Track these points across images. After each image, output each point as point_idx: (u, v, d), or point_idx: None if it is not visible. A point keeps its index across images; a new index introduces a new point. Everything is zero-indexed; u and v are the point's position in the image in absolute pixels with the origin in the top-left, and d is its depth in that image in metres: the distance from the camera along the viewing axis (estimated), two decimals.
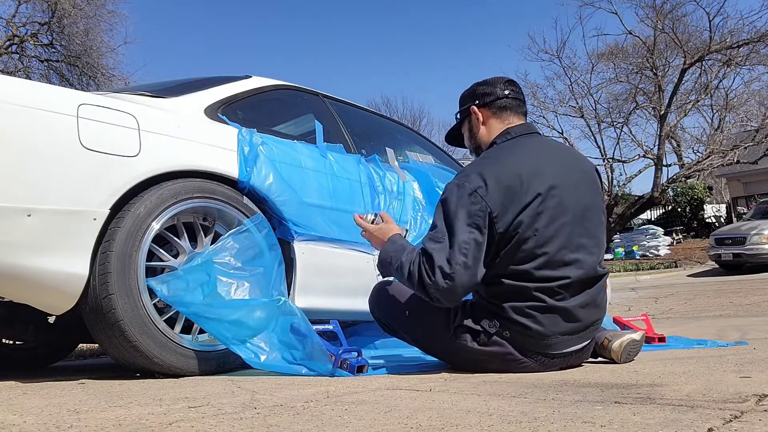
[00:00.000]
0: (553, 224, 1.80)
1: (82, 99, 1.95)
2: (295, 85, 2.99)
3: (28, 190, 1.74)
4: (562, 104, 19.36)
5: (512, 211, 1.77)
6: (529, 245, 1.78)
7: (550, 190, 1.81)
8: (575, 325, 1.84)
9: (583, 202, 1.90)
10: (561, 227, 1.81)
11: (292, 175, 2.41)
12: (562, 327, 1.82)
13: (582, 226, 1.87)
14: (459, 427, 1.06)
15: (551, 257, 1.79)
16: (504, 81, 2.06)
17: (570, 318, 1.82)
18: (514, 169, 1.82)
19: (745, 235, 11.86)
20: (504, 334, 1.82)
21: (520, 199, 1.78)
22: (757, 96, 18.56)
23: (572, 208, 1.85)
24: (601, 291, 1.92)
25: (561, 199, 1.83)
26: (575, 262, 1.82)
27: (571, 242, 1.83)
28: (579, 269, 1.83)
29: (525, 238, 1.78)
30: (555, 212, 1.81)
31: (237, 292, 2.11)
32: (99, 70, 16.12)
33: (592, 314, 1.89)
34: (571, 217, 1.84)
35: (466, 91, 2.11)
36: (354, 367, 1.91)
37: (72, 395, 1.60)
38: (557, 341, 1.82)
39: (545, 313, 1.79)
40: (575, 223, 1.85)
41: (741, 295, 6.74)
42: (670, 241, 18.43)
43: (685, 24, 17.50)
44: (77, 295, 1.84)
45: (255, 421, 1.16)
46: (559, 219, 1.81)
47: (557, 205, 1.81)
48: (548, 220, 1.79)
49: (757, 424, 1.00)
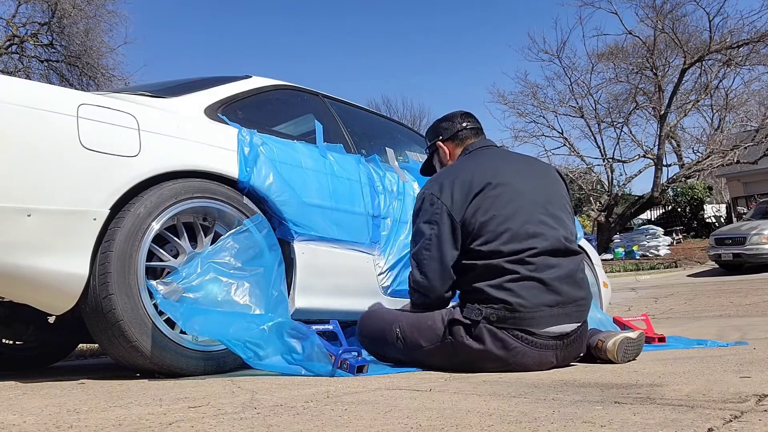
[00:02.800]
0: (510, 205, 1.96)
1: (82, 99, 1.95)
2: (295, 85, 2.99)
3: (28, 190, 1.74)
4: (562, 104, 19.40)
5: (467, 200, 1.98)
6: (491, 226, 1.94)
7: (503, 181, 2.00)
8: (556, 297, 1.89)
9: (542, 193, 2.06)
10: (519, 207, 1.97)
11: (292, 175, 2.41)
12: (543, 298, 1.88)
13: (543, 208, 2.01)
14: (459, 427, 1.06)
15: (515, 232, 1.93)
16: (460, 114, 2.33)
17: (549, 289, 1.89)
18: (467, 171, 2.06)
19: (745, 235, 11.87)
20: (491, 318, 1.87)
21: (472, 189, 1.99)
22: (757, 96, 18.59)
23: (529, 194, 2.02)
24: (577, 269, 1.99)
25: (516, 188, 2.01)
26: (540, 235, 1.94)
27: (532, 218, 1.97)
28: (544, 240, 1.94)
29: (486, 221, 1.94)
30: (511, 196, 1.98)
31: (237, 293, 2.11)
32: (99, 70, 16.12)
33: (573, 290, 1.94)
34: (529, 201, 2.00)
35: (431, 129, 2.39)
36: (354, 367, 1.91)
37: (72, 395, 1.60)
38: (542, 314, 1.87)
39: (521, 282, 1.88)
40: (535, 205, 2.00)
41: (741, 295, 6.74)
42: (670, 241, 18.43)
43: (685, 24, 17.53)
44: (77, 295, 1.84)
45: (255, 421, 1.16)
46: (515, 201, 1.98)
47: (512, 192, 1.99)
48: (505, 202, 1.97)
49: (757, 424, 1.00)
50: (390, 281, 2.73)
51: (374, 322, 2.17)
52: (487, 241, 1.93)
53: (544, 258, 1.92)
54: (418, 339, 1.99)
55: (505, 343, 1.86)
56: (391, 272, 2.73)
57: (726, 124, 18.47)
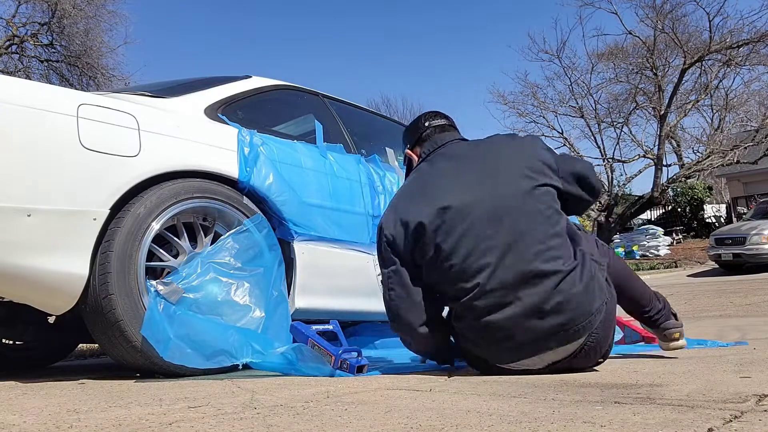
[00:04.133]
0: (452, 235, 1.73)
1: (82, 99, 1.95)
2: (295, 85, 2.99)
3: (28, 190, 1.74)
4: (562, 104, 19.39)
5: (408, 244, 1.80)
6: (436, 265, 1.76)
7: (446, 205, 1.76)
8: (518, 338, 1.67)
9: (491, 197, 1.76)
10: (462, 236, 1.72)
11: (292, 175, 2.41)
12: (502, 344, 1.68)
13: (491, 224, 1.72)
14: (459, 427, 1.06)
15: (459, 269, 1.71)
16: (425, 115, 2.12)
17: (505, 333, 1.67)
18: (406, 204, 1.86)
19: (745, 235, 11.86)
20: (473, 363, 1.86)
21: (409, 231, 1.79)
22: (757, 96, 18.58)
23: (476, 209, 1.75)
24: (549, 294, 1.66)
25: (459, 209, 1.75)
26: (486, 267, 1.68)
27: (477, 248, 1.70)
28: (493, 273, 1.68)
29: (431, 262, 1.77)
30: (453, 224, 1.74)
31: (237, 293, 2.11)
32: (99, 70, 16.11)
33: (543, 322, 1.66)
34: (476, 218, 1.73)
35: (402, 138, 2.18)
36: (354, 367, 1.91)
37: (72, 395, 1.60)
38: (510, 356, 1.70)
39: (474, 331, 1.73)
40: (481, 224, 1.72)
41: (741, 295, 6.74)
42: (670, 241, 18.44)
43: (685, 24, 17.52)
44: (77, 295, 1.84)
45: (255, 421, 1.16)
46: (458, 228, 1.73)
47: (456, 217, 1.74)
48: (446, 234, 1.74)
49: (757, 424, 1.00)
50: None
51: None
52: (435, 282, 1.79)
53: (495, 297, 1.68)
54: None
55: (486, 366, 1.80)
56: None
57: (726, 124, 18.46)
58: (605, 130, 19.63)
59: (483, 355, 1.78)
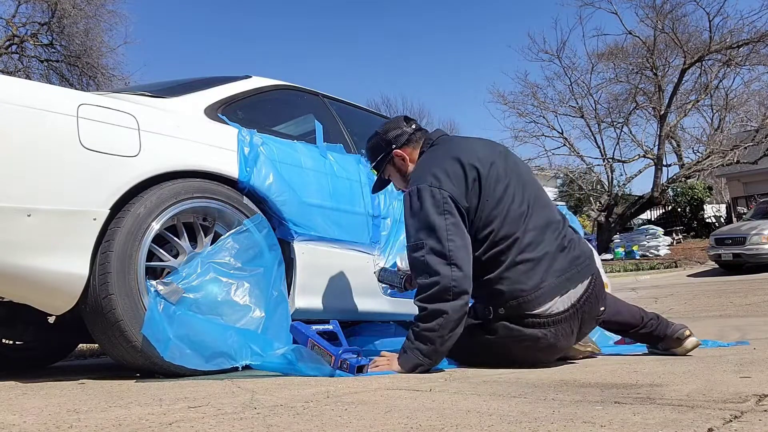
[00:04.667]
0: (498, 187, 2.00)
1: (82, 99, 1.95)
2: (295, 85, 2.99)
3: (28, 190, 1.74)
4: (562, 104, 19.39)
5: (467, 188, 1.97)
6: (485, 211, 1.97)
7: (486, 164, 2.02)
8: (552, 269, 1.93)
9: (516, 169, 2.10)
10: (506, 188, 2.01)
11: (292, 175, 2.41)
12: (538, 277, 1.91)
13: (523, 185, 2.06)
14: (459, 427, 1.06)
15: (506, 214, 1.96)
16: (402, 119, 2.30)
17: (542, 265, 1.93)
18: (451, 157, 2.04)
19: (745, 235, 11.86)
20: (499, 312, 1.92)
21: (467, 176, 1.99)
22: (757, 96, 18.59)
23: (510, 173, 2.06)
24: (562, 235, 2.03)
25: (497, 169, 2.04)
26: (527, 213, 1.99)
27: (516, 198, 2.01)
28: (532, 218, 1.99)
29: (482, 206, 1.97)
30: (497, 178, 2.01)
31: (236, 293, 2.11)
32: (99, 70, 16.11)
33: (566, 255, 1.98)
34: (513, 180, 2.04)
35: (377, 143, 2.29)
36: (354, 367, 1.91)
37: (72, 395, 1.60)
38: (543, 291, 1.91)
39: (515, 268, 1.91)
40: (518, 183, 2.05)
41: (741, 295, 6.74)
42: (670, 241, 18.42)
43: (685, 24, 17.54)
44: (77, 295, 1.84)
45: (255, 421, 1.16)
46: (502, 182, 2.01)
47: (496, 173, 2.02)
48: (494, 185, 2.00)
49: (757, 424, 1.00)
50: None
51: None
52: (483, 226, 1.95)
53: (533, 235, 1.96)
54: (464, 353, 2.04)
55: (521, 333, 1.92)
56: None
57: (726, 124, 18.47)
58: (605, 130, 19.65)
59: (517, 296, 1.90)
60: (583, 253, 2.05)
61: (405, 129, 2.24)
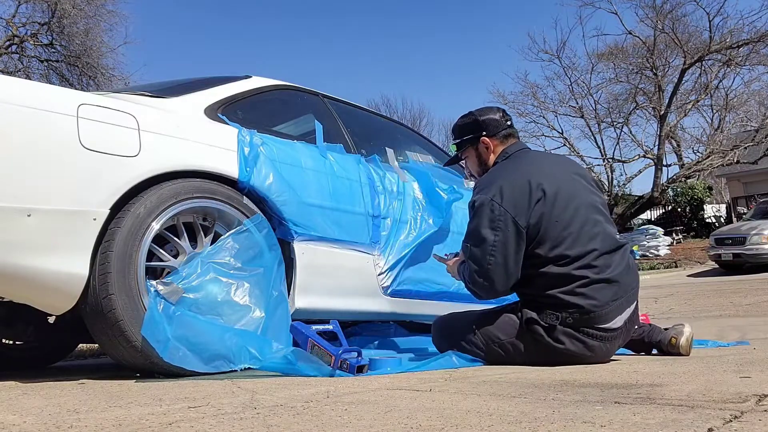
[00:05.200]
0: (568, 209, 2.05)
1: (82, 99, 1.95)
2: (295, 85, 2.99)
3: (28, 190, 1.74)
4: (562, 104, 19.41)
5: (529, 206, 2.03)
6: (554, 231, 2.02)
7: (556, 185, 2.08)
8: (618, 290, 2.03)
9: (585, 193, 2.15)
10: (576, 210, 2.06)
11: (292, 175, 2.41)
12: (610, 296, 2.01)
13: (593, 207, 2.12)
14: (459, 427, 1.06)
15: (577, 236, 2.03)
16: (501, 111, 2.37)
17: (613, 285, 2.02)
18: (521, 175, 2.10)
19: (745, 235, 11.86)
20: (567, 321, 1.99)
21: (532, 195, 2.04)
22: (757, 96, 18.60)
23: (579, 195, 2.11)
24: (628, 258, 2.13)
25: (567, 191, 2.09)
26: (597, 235, 2.06)
27: (588, 220, 2.07)
28: (602, 240, 2.06)
29: (549, 226, 2.02)
30: (567, 200, 2.07)
31: (236, 293, 2.11)
32: (99, 70, 16.11)
33: (630, 279, 2.09)
34: (581, 202, 2.10)
35: (469, 123, 2.35)
36: (354, 367, 1.91)
37: (72, 395, 1.60)
38: (610, 308, 2.01)
39: (591, 286, 1.99)
40: (587, 206, 2.10)
41: (741, 295, 6.74)
42: (670, 241, 18.42)
43: (685, 24, 17.55)
44: (77, 295, 1.84)
45: (255, 421, 1.16)
46: (571, 204, 2.06)
47: (566, 195, 2.08)
48: (563, 206, 2.05)
49: (757, 424, 1.00)
50: (390, 281, 2.73)
51: (450, 322, 2.28)
52: (552, 246, 2.02)
53: (605, 258, 2.04)
54: (496, 333, 2.10)
55: (584, 343, 2.01)
56: (391, 272, 2.73)
57: (726, 124, 18.47)
58: (605, 130, 19.68)
59: (591, 310, 1.98)
60: (637, 276, 2.17)
61: (500, 121, 2.31)
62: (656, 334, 2.30)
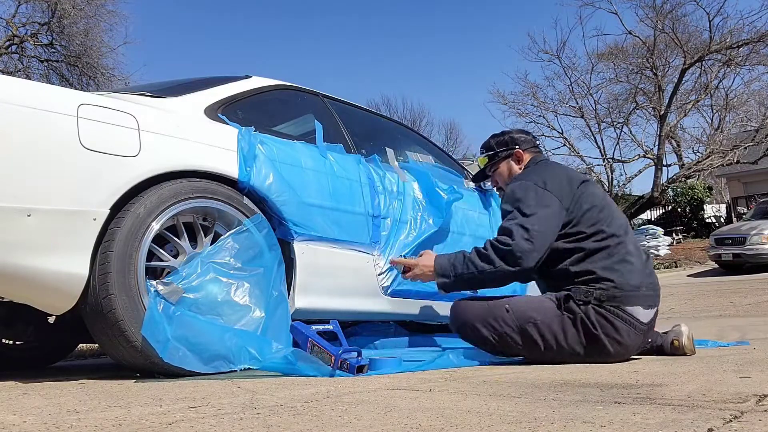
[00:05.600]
0: (600, 200, 2.25)
1: (82, 99, 1.95)
2: (295, 85, 2.98)
3: (28, 190, 1.74)
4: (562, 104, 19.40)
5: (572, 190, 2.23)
6: (593, 213, 2.19)
7: (586, 183, 2.29)
8: (647, 280, 2.14)
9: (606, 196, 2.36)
10: (607, 203, 2.27)
11: (292, 175, 2.41)
12: (639, 280, 2.11)
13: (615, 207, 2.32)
14: (459, 427, 1.06)
15: (612, 219, 2.20)
16: (526, 131, 2.69)
17: (642, 272, 2.13)
18: (558, 171, 2.36)
19: (745, 235, 11.86)
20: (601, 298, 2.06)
21: (572, 183, 2.26)
22: (757, 96, 18.59)
23: (604, 195, 2.33)
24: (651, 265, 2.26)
25: (596, 188, 2.31)
26: (626, 227, 2.24)
27: (619, 213, 2.28)
28: (629, 233, 2.22)
29: (588, 208, 2.19)
30: (597, 194, 2.28)
31: (236, 293, 2.11)
32: (99, 70, 16.11)
33: (655, 282, 2.19)
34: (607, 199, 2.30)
35: (504, 138, 2.59)
36: (354, 367, 1.91)
37: (72, 395, 1.60)
38: (638, 294, 2.10)
39: (623, 264, 2.11)
40: (613, 205, 2.30)
41: (741, 295, 6.74)
42: (670, 241, 18.41)
43: (685, 24, 17.55)
44: (77, 295, 1.84)
45: (255, 421, 1.16)
46: (602, 198, 2.28)
47: (597, 190, 2.30)
48: (597, 198, 2.25)
49: (757, 424, 1.00)
50: (390, 281, 2.73)
51: (475, 306, 2.25)
52: (592, 223, 2.17)
53: (638, 249, 2.19)
54: (530, 312, 2.13)
55: (612, 324, 2.06)
56: (391, 272, 2.73)
57: (726, 124, 18.46)
58: (605, 130, 19.67)
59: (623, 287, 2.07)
60: (658, 282, 2.24)
61: (530, 138, 2.60)
62: (656, 339, 2.31)
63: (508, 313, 2.14)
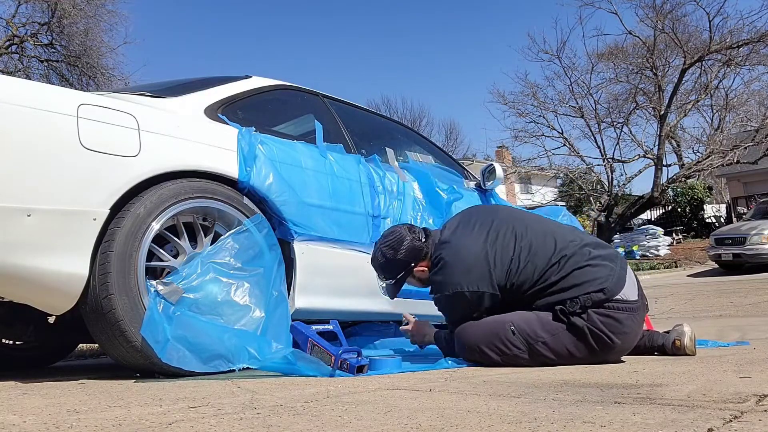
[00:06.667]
0: (517, 245, 2.17)
1: (82, 99, 1.95)
2: (295, 85, 2.99)
3: (28, 190, 1.74)
4: (562, 104, 19.36)
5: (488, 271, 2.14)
6: (521, 260, 2.13)
7: (492, 240, 2.19)
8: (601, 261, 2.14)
9: (517, 219, 2.27)
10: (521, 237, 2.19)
11: (292, 175, 2.41)
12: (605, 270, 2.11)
13: (538, 223, 2.29)
14: (459, 427, 1.06)
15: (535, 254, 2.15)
16: (406, 230, 2.36)
17: (595, 262, 2.12)
18: (464, 255, 2.19)
19: (745, 235, 11.86)
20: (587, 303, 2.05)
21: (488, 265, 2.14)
22: (757, 96, 18.55)
23: (514, 227, 2.23)
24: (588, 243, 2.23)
25: (504, 235, 2.20)
26: (554, 241, 2.18)
27: (536, 239, 2.20)
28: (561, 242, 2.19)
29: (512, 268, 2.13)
30: (509, 239, 2.19)
31: (236, 293, 2.11)
32: (99, 70, 16.09)
33: (605, 250, 2.20)
34: (525, 232, 2.21)
35: (394, 264, 2.32)
36: (354, 367, 1.91)
37: (72, 395, 1.60)
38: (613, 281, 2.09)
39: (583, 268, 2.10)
40: (534, 232, 2.22)
41: (741, 295, 6.74)
42: (670, 241, 18.43)
43: (685, 24, 17.51)
44: (77, 295, 1.84)
45: (255, 421, 1.16)
46: (518, 241, 2.18)
47: (504, 240, 2.19)
48: (511, 248, 2.17)
49: (757, 424, 1.00)
50: None
51: (479, 328, 2.18)
52: (526, 278, 2.12)
53: (575, 248, 2.15)
54: (538, 331, 2.09)
55: (614, 317, 2.05)
56: None
57: (726, 124, 18.44)
58: (605, 130, 19.62)
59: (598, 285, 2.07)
60: (609, 247, 2.28)
61: (416, 244, 2.31)
62: (658, 338, 2.31)
63: (514, 335, 2.08)
